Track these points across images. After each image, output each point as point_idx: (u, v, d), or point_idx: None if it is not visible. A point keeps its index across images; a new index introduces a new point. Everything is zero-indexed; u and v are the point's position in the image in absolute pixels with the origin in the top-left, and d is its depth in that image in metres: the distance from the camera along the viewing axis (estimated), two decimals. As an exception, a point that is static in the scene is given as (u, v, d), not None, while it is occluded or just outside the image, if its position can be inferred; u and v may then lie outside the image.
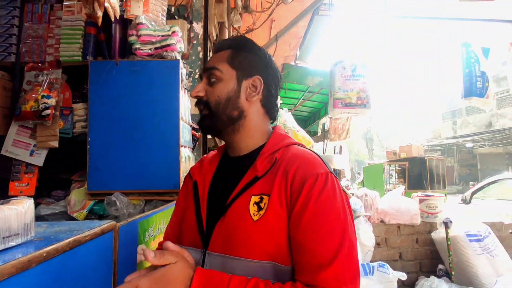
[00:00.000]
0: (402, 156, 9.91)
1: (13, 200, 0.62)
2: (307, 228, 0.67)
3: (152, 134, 1.67)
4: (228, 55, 0.85)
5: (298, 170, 0.72)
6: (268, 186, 0.73)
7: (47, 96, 1.78)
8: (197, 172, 0.89)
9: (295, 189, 0.70)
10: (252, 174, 0.77)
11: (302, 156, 0.76)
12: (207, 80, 0.84)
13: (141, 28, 1.74)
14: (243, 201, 0.74)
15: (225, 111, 0.81)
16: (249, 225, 0.70)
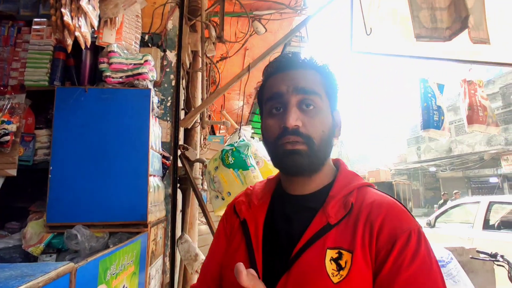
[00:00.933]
0: (371, 180, 10.27)
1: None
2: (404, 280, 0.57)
3: (120, 163, 1.62)
4: (321, 80, 0.72)
5: (386, 222, 0.61)
6: (347, 238, 0.62)
7: (7, 121, 1.70)
8: (245, 208, 0.75)
9: (382, 245, 0.59)
10: (323, 221, 0.65)
11: (387, 205, 0.65)
12: (299, 106, 0.69)
13: (113, 56, 1.73)
14: (315, 255, 0.62)
15: (326, 149, 0.69)
16: (327, 286, 0.59)
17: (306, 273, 0.61)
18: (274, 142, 0.69)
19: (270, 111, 0.72)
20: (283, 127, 0.67)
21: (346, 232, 0.63)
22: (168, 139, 2.04)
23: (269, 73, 0.77)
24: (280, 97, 0.70)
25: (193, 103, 2.35)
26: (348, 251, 0.61)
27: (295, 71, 0.72)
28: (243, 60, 4.22)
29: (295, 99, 0.69)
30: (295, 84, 0.69)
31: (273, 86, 0.72)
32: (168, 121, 2.07)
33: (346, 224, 0.64)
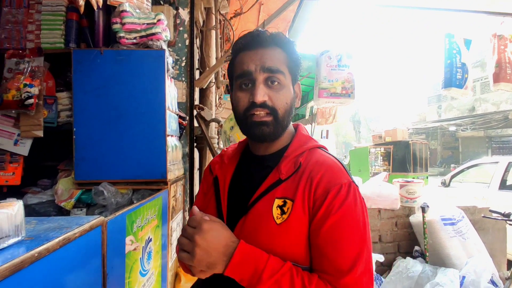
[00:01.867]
0: (387, 139, 10.14)
1: (2, 202, 0.64)
2: (328, 236, 0.70)
3: (138, 123, 1.68)
4: (285, 58, 0.81)
5: (323, 178, 0.74)
6: (291, 190, 0.75)
7: (29, 84, 1.75)
8: (217, 167, 0.89)
9: (318, 197, 0.72)
10: (276, 177, 0.78)
11: (327, 164, 0.77)
12: (265, 83, 0.78)
13: (125, 16, 1.71)
14: (266, 203, 0.76)
15: (287, 119, 0.80)
16: (272, 227, 0.73)
17: (258, 216, 0.75)
18: (243, 113, 0.79)
19: (240, 86, 0.80)
20: (252, 101, 0.77)
21: (292, 185, 0.76)
22: (184, 100, 2.06)
23: (238, 49, 0.83)
24: (249, 74, 0.78)
25: (207, 62, 2.32)
26: (290, 199, 0.74)
27: (263, 49, 0.79)
28: (258, 15, 4.04)
29: (262, 76, 0.78)
30: (263, 63, 0.78)
31: (243, 64, 0.80)
32: (183, 82, 2.08)
33: (293, 179, 0.77)
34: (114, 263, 1.00)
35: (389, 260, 3.03)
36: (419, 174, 8.83)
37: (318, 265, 0.72)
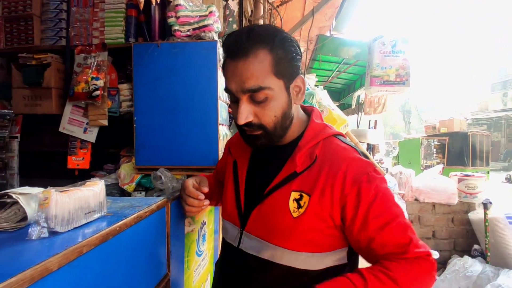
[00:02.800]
0: (442, 130, 9.41)
1: (88, 181, 0.72)
2: (378, 225, 0.71)
3: (192, 113, 1.76)
4: (271, 61, 0.72)
5: (348, 172, 0.73)
6: (308, 184, 0.75)
7: (96, 77, 1.92)
8: (237, 151, 0.93)
9: (348, 192, 0.72)
10: (291, 169, 0.78)
11: (346, 155, 0.76)
12: (250, 100, 0.74)
13: (180, 9, 1.78)
14: (282, 194, 0.77)
15: (282, 126, 0.78)
16: (288, 220, 0.75)
17: (273, 207, 0.78)
18: (237, 126, 0.79)
19: (231, 99, 0.80)
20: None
21: (308, 179, 0.76)
22: (233, 90, 2.10)
23: (224, 51, 0.77)
24: (232, 94, 0.77)
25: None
26: (307, 194, 0.75)
27: (243, 61, 0.72)
28: (304, 3, 3.95)
29: (245, 96, 0.74)
30: (242, 84, 0.72)
31: (226, 79, 0.77)
32: (233, 73, 2.12)
33: (309, 172, 0.77)
34: (176, 242, 1.08)
35: (444, 258, 2.86)
36: (479, 169, 8.09)
37: (380, 251, 0.72)
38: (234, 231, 0.86)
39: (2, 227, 0.59)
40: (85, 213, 0.65)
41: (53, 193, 0.56)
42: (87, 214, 0.66)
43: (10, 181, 2.11)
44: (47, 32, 2.08)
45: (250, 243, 0.81)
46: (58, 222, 0.57)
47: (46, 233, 0.55)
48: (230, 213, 0.88)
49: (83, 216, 0.64)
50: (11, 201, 0.62)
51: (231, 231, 0.87)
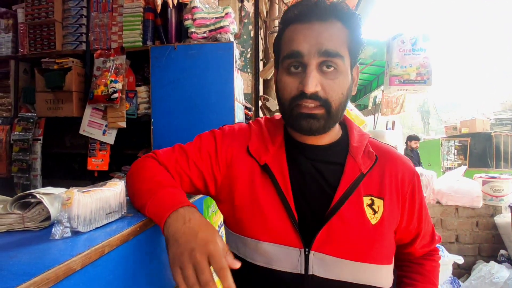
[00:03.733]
0: (464, 131, 9.10)
1: (109, 182, 0.73)
2: (422, 219, 0.77)
3: (209, 114, 1.76)
4: (347, 36, 0.66)
5: (403, 172, 0.73)
6: (375, 187, 0.70)
7: (114, 80, 1.95)
8: (263, 152, 0.72)
9: (407, 191, 0.73)
10: (357, 170, 0.69)
11: (394, 154, 0.76)
12: (319, 68, 0.65)
13: (196, 11, 1.79)
14: (354, 202, 0.67)
15: (342, 110, 0.69)
16: (369, 229, 0.67)
17: (350, 217, 0.66)
18: (290, 102, 0.67)
19: (288, 68, 0.67)
20: (301, 90, 0.65)
21: (373, 181, 0.70)
22: (249, 91, 2.10)
23: (288, 19, 0.68)
24: (301, 57, 0.65)
25: (271, 53, 2.33)
26: (378, 198, 0.69)
27: (320, 24, 0.64)
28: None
29: (316, 61, 0.64)
30: (319, 45, 0.63)
31: (293, 42, 0.66)
32: (249, 73, 2.12)
33: (371, 174, 0.70)
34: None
35: (468, 263, 2.75)
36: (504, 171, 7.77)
37: (419, 244, 0.80)
38: (290, 254, 0.66)
39: (26, 226, 0.60)
40: (106, 213, 0.65)
41: (75, 193, 0.57)
42: (108, 215, 0.66)
43: (33, 182, 2.18)
44: (68, 37, 2.14)
45: (324, 266, 0.65)
46: (80, 222, 0.57)
47: (69, 232, 0.55)
48: (278, 233, 0.67)
49: (104, 216, 0.65)
50: (35, 201, 0.63)
51: (285, 256, 0.66)
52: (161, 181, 0.70)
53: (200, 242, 0.54)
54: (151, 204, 0.65)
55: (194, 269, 0.52)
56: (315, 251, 0.65)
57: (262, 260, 0.67)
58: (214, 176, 0.75)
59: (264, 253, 0.67)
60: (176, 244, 0.56)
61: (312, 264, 0.65)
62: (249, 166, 0.73)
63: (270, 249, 0.67)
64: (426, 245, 0.81)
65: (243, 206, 0.71)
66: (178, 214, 0.60)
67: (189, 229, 0.57)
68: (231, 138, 0.77)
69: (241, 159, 0.74)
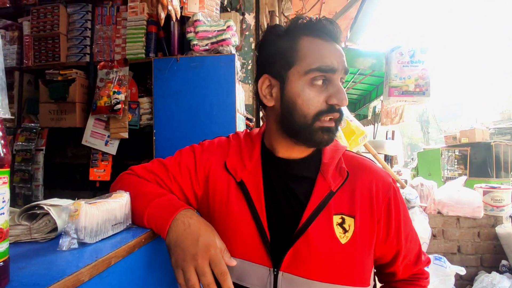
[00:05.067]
0: (463, 141, 9.12)
1: (114, 194, 0.74)
2: (401, 236, 0.73)
3: (211, 125, 1.78)
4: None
5: (377, 186, 0.71)
6: (345, 205, 0.69)
7: (117, 92, 1.98)
8: (239, 168, 0.73)
9: (382, 208, 0.70)
10: (326, 188, 0.69)
11: (368, 167, 0.74)
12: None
13: (198, 24, 1.83)
14: (325, 220, 0.67)
15: None
16: (338, 248, 0.65)
17: (318, 236, 0.66)
18: (313, 116, 0.67)
19: (312, 81, 0.67)
20: (331, 104, 0.66)
21: (344, 198, 0.69)
22: (251, 102, 2.13)
23: (302, 31, 0.69)
24: (332, 72, 0.66)
25: (271, 65, 2.36)
26: (349, 216, 0.68)
27: (336, 44, 0.69)
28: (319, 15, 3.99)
29: (339, 77, 0.68)
30: (343, 63, 0.68)
31: (324, 56, 0.66)
32: (250, 84, 2.15)
33: (342, 190, 0.69)
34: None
35: (470, 274, 2.73)
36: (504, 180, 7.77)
37: (397, 266, 0.76)
38: (259, 272, 0.67)
39: (33, 237, 0.61)
40: (112, 224, 0.66)
41: (83, 205, 0.58)
42: (113, 226, 0.67)
43: (35, 192, 2.18)
44: (72, 49, 2.18)
45: (293, 286, 0.65)
46: (87, 234, 0.58)
47: (76, 244, 0.56)
48: (249, 250, 0.68)
49: (110, 227, 0.65)
50: (41, 213, 0.64)
51: (254, 273, 0.67)
52: (150, 192, 0.71)
53: (201, 247, 0.58)
54: (149, 216, 0.67)
55: (196, 272, 0.57)
56: (283, 271, 0.66)
57: (233, 276, 0.67)
58: (194, 191, 0.76)
59: (236, 269, 0.67)
60: (179, 249, 0.59)
61: (281, 284, 0.66)
62: (226, 181, 0.73)
63: (241, 265, 0.67)
64: (409, 265, 0.76)
65: (218, 221, 0.72)
66: (178, 221, 0.63)
67: (190, 234, 0.60)
68: (209, 153, 0.78)
69: (219, 174, 0.75)
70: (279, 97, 0.70)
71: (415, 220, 2.56)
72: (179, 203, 0.68)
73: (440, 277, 2.19)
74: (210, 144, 0.82)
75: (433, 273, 2.21)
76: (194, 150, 0.81)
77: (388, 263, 0.76)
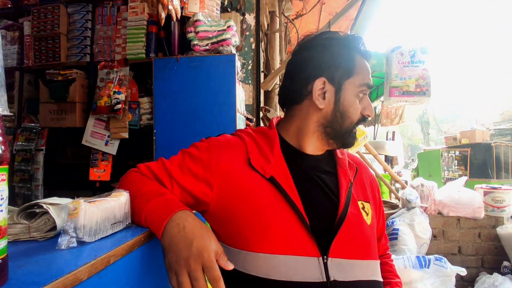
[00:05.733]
0: (463, 142, 9.12)
1: (114, 192, 0.73)
2: (384, 218, 0.90)
3: (211, 125, 1.78)
4: None
5: (371, 178, 0.89)
6: (362, 192, 0.82)
7: (117, 92, 1.98)
8: (265, 164, 0.73)
9: (375, 194, 0.87)
10: (348, 180, 0.79)
11: (363, 164, 0.90)
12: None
13: (199, 24, 1.83)
14: (355, 206, 0.77)
15: None
16: (367, 228, 0.77)
17: (354, 220, 0.74)
18: (355, 123, 0.79)
19: (359, 94, 0.78)
20: (364, 115, 0.79)
21: (358, 188, 0.82)
22: (251, 102, 2.13)
23: (357, 49, 0.79)
24: (370, 88, 0.81)
25: (272, 65, 2.37)
26: (366, 202, 0.81)
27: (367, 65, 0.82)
28: (319, 16, 3.99)
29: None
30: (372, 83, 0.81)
31: (368, 75, 0.79)
32: (250, 84, 2.15)
33: (356, 181, 0.82)
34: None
35: (471, 275, 2.72)
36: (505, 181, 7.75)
37: (384, 245, 0.93)
38: (308, 263, 0.66)
39: (32, 236, 0.60)
40: (111, 223, 0.65)
41: (82, 204, 0.57)
42: (113, 225, 0.66)
43: (35, 192, 2.18)
44: (73, 49, 2.18)
45: (342, 270, 0.68)
46: (86, 232, 0.57)
47: (75, 242, 0.56)
48: (293, 243, 0.67)
49: (110, 226, 0.65)
50: (41, 211, 0.64)
51: (303, 266, 0.66)
52: (151, 191, 0.70)
53: (195, 251, 0.56)
54: (147, 215, 0.66)
55: (188, 276, 0.55)
56: (332, 257, 0.68)
57: (279, 274, 0.66)
58: (202, 192, 0.73)
59: (282, 267, 0.66)
60: (172, 252, 0.59)
61: (332, 270, 0.67)
62: (252, 178, 0.72)
63: (287, 261, 0.66)
64: (386, 242, 0.94)
65: (249, 221, 0.69)
66: (173, 223, 0.61)
67: (184, 237, 0.59)
68: (218, 151, 0.76)
69: (240, 172, 0.73)
70: (333, 102, 0.77)
71: (416, 220, 2.55)
72: (176, 204, 0.67)
73: (441, 277, 2.18)
74: (216, 141, 0.80)
75: (434, 273, 2.20)
76: (199, 149, 0.78)
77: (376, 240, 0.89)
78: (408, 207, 2.71)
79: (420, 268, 2.23)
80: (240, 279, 0.69)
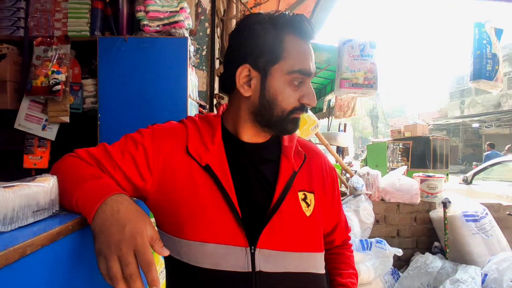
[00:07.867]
0: (406, 135, 9.90)
1: (38, 177, 0.67)
2: (340, 208, 0.88)
3: (160, 110, 1.71)
4: None
5: (325, 167, 0.84)
6: (305, 182, 0.78)
7: (57, 71, 1.80)
8: (203, 152, 0.71)
9: (329, 182, 0.84)
10: (290, 170, 0.75)
11: (314, 149, 0.87)
12: None
13: (149, 3, 1.72)
14: (292, 196, 0.74)
15: None
16: (305, 220, 0.74)
17: (290, 211, 0.73)
18: (290, 112, 0.72)
19: (291, 81, 0.71)
20: (302, 103, 0.73)
21: (303, 177, 0.78)
22: (204, 88, 2.08)
23: (286, 27, 0.70)
24: (308, 75, 0.73)
25: (227, 52, 2.32)
26: (309, 192, 0.77)
27: (311, 45, 0.74)
28: (277, 6, 4.00)
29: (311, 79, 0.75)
30: (314, 66, 0.74)
31: (305, 60, 0.71)
32: (204, 71, 2.09)
33: (302, 170, 0.78)
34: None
35: (407, 255, 2.99)
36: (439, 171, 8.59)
37: (335, 234, 0.88)
38: (236, 253, 0.67)
39: None
40: (33, 211, 0.59)
41: (-5, 189, 0.51)
42: (35, 213, 0.60)
43: (-43, 181, 1.93)
44: (4, 21, 1.93)
45: (270, 261, 0.68)
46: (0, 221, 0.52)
47: (-14, 232, 0.50)
48: (222, 233, 0.68)
49: (31, 214, 0.59)
50: None
51: (230, 255, 0.67)
52: (86, 174, 0.66)
53: (127, 234, 0.54)
54: (78, 198, 0.61)
55: (119, 261, 0.52)
56: (260, 248, 0.68)
57: (208, 262, 0.67)
58: (142, 178, 0.71)
59: (210, 255, 0.67)
60: (103, 235, 0.55)
61: (259, 261, 0.68)
62: (188, 166, 0.71)
63: (216, 250, 0.67)
64: (343, 233, 0.91)
65: (184, 209, 0.69)
66: (107, 206, 0.58)
67: (117, 221, 0.56)
68: (162, 138, 0.74)
69: (178, 160, 0.72)
70: (259, 89, 0.72)
71: (361, 206, 2.72)
72: (112, 186, 0.63)
73: (380, 258, 2.36)
74: (161, 128, 0.78)
75: (375, 255, 2.37)
76: (143, 135, 0.76)
77: (329, 232, 0.88)
78: (354, 195, 2.88)
79: (362, 251, 2.39)
80: (174, 265, 0.71)
